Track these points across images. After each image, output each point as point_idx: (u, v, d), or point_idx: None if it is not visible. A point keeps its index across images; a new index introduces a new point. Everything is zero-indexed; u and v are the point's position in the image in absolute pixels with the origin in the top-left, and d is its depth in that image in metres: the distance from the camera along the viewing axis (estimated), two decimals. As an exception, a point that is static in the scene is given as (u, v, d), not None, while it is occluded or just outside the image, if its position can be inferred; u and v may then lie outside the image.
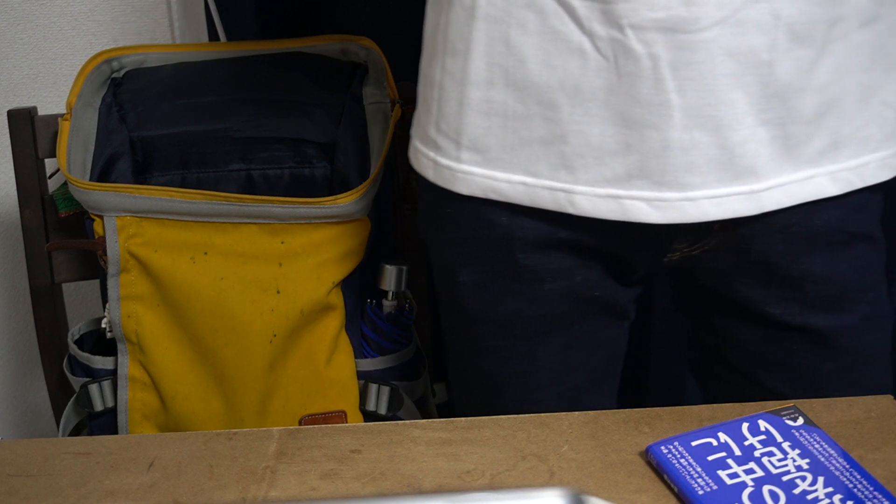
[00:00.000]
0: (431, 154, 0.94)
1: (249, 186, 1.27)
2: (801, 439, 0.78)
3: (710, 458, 0.76)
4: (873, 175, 0.89)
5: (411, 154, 0.99)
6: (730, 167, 0.84)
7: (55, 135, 1.30)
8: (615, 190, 0.86)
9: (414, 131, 0.98)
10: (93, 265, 1.32)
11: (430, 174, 0.95)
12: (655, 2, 0.79)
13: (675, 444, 0.78)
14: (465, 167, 0.91)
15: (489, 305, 0.96)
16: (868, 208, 0.92)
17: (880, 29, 0.86)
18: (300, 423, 1.25)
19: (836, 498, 0.73)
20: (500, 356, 0.99)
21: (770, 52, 0.81)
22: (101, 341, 1.33)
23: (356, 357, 1.29)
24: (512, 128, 0.87)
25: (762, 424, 0.80)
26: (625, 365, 1.04)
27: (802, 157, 0.86)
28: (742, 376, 0.98)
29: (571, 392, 1.00)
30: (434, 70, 0.92)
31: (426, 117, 0.95)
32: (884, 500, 0.72)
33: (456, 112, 0.90)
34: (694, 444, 0.78)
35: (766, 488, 0.74)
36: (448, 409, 1.49)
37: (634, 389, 1.55)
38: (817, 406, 0.85)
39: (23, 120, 1.33)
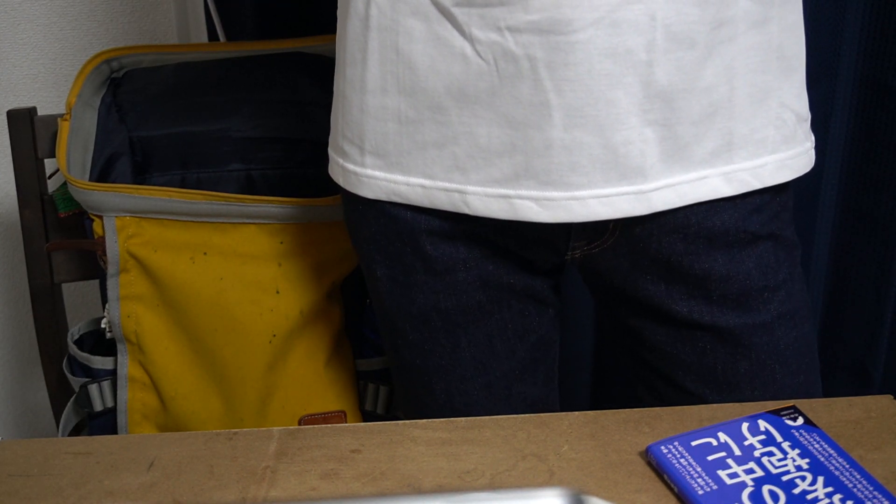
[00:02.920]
0: (340, 161, 0.96)
1: (249, 186, 1.27)
2: (801, 439, 0.78)
3: (710, 457, 0.76)
4: (771, 176, 0.90)
5: (328, 162, 1.01)
6: (615, 167, 0.85)
7: (55, 135, 1.30)
8: (504, 190, 0.88)
9: (330, 139, 1.00)
10: (92, 265, 1.32)
11: (341, 180, 0.97)
12: (531, 4, 0.80)
13: (675, 444, 0.78)
14: (368, 171, 0.93)
15: (406, 300, 0.98)
16: (769, 208, 0.92)
17: (772, 31, 0.87)
18: (300, 423, 1.25)
19: (836, 498, 0.73)
20: (423, 349, 1.00)
21: (648, 53, 0.82)
22: (100, 341, 1.34)
23: (355, 357, 1.30)
24: (407, 132, 0.89)
25: (762, 424, 0.80)
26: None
27: (694, 157, 0.87)
28: (660, 377, 0.99)
29: (499, 381, 1.01)
30: (339, 80, 0.94)
31: (335, 126, 0.97)
32: (884, 500, 0.72)
33: (358, 119, 0.92)
34: (694, 443, 0.78)
35: (765, 488, 0.74)
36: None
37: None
38: (817, 406, 0.85)
39: (22, 120, 1.33)
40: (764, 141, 0.89)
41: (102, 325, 1.27)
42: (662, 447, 0.77)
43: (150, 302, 1.23)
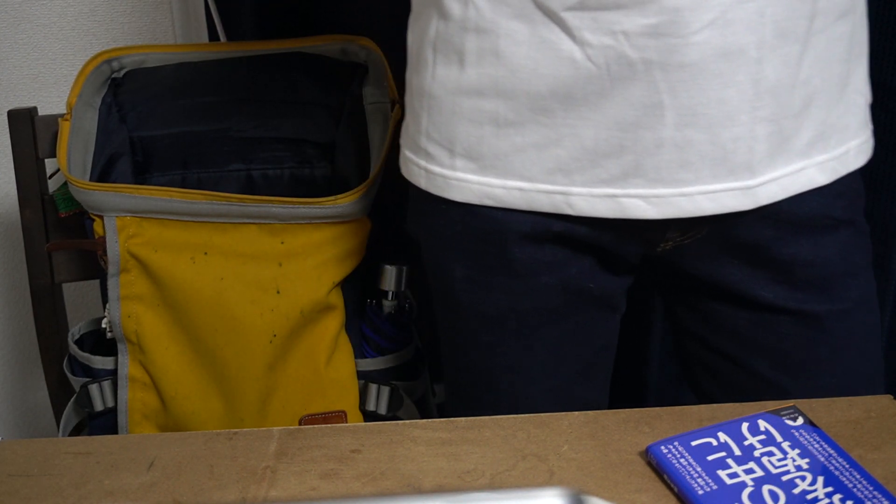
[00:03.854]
0: (423, 163, 0.95)
1: (249, 186, 1.27)
2: (801, 439, 0.78)
3: (710, 457, 0.76)
4: (854, 161, 0.93)
5: (402, 163, 1.00)
6: (724, 163, 0.86)
7: (55, 135, 1.30)
8: (612, 189, 0.88)
9: (403, 141, 1.00)
10: (93, 265, 1.32)
11: (423, 182, 0.96)
12: (647, 8, 0.80)
13: (675, 444, 0.78)
14: (459, 174, 0.92)
15: (483, 300, 0.97)
16: (847, 195, 0.94)
17: (854, 20, 0.89)
18: (300, 423, 1.25)
19: (836, 498, 0.73)
20: (495, 351, 0.99)
21: (758, 50, 0.83)
22: (101, 341, 1.34)
23: (356, 357, 1.30)
24: (505, 135, 0.89)
25: (762, 424, 0.80)
26: (625, 364, 1.05)
27: (793, 149, 0.88)
28: (733, 363, 0.99)
29: (563, 385, 1.01)
30: (424, 79, 0.93)
31: (415, 126, 0.96)
32: (883, 499, 0.72)
33: (448, 121, 0.91)
34: (694, 443, 0.78)
35: (765, 488, 0.74)
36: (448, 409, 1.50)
37: (634, 389, 1.55)
38: (817, 406, 0.85)
39: (23, 120, 1.33)
40: (847, 127, 0.92)
41: (103, 325, 1.27)
42: (662, 447, 0.77)
43: (151, 302, 1.24)
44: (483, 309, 0.98)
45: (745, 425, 0.80)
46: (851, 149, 0.92)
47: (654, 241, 0.94)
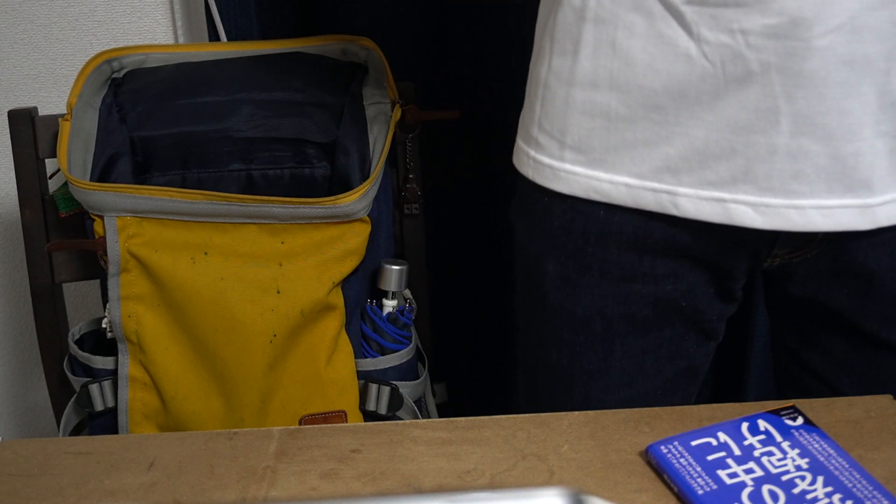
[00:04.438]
0: (532, 152, 0.94)
1: (249, 186, 1.27)
2: (801, 439, 0.78)
3: (710, 457, 0.76)
4: None
5: (514, 153, 0.98)
6: (842, 178, 0.82)
7: (55, 135, 1.30)
8: (720, 193, 0.85)
9: (519, 130, 0.98)
10: (93, 265, 1.32)
11: (529, 172, 0.94)
12: (769, 7, 0.78)
13: (675, 443, 0.78)
14: (567, 167, 0.90)
15: (572, 298, 0.95)
16: None
17: None
18: (300, 423, 1.25)
19: (836, 497, 0.73)
20: (575, 351, 0.97)
21: (888, 61, 0.79)
22: (101, 341, 1.34)
23: (356, 357, 1.30)
24: (616, 129, 0.87)
25: (762, 424, 0.80)
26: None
27: None
28: (821, 381, 0.96)
29: (638, 398, 0.98)
30: (541, 69, 0.91)
31: (529, 115, 0.94)
32: (883, 499, 0.72)
33: (561, 112, 0.90)
34: (694, 443, 0.78)
35: (765, 488, 0.74)
36: (448, 409, 1.50)
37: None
38: (817, 406, 0.85)
39: (23, 120, 1.33)
40: None
41: (103, 325, 1.27)
42: (662, 447, 0.77)
43: (151, 302, 1.24)
44: (570, 308, 0.96)
45: (744, 425, 0.80)
46: None
47: (760, 255, 0.91)
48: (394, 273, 1.30)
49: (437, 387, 1.46)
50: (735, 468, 0.76)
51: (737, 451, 0.77)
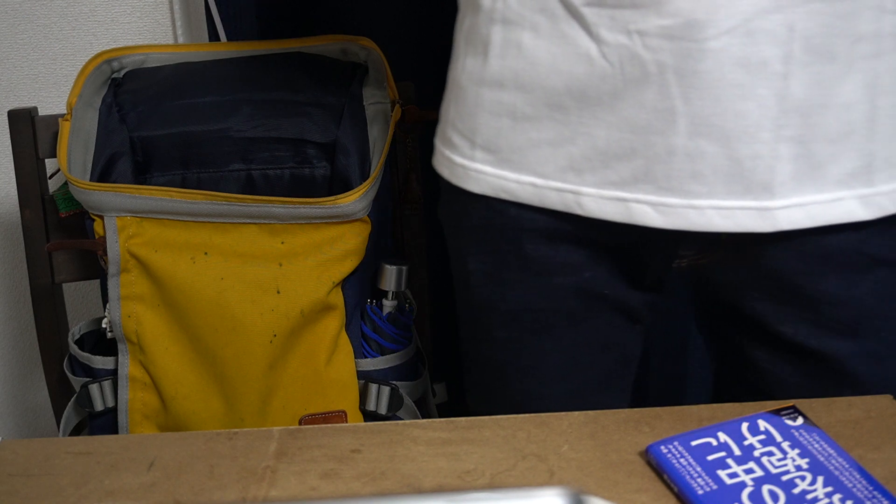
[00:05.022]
0: (447, 152, 0.95)
1: (249, 186, 1.27)
2: (801, 439, 0.78)
3: (710, 457, 0.76)
4: None
5: (434, 153, 1.00)
6: (740, 180, 0.83)
7: (55, 135, 1.30)
8: (621, 193, 0.86)
9: (436, 131, 0.99)
10: (93, 265, 1.32)
11: (446, 172, 0.96)
12: (664, 9, 0.79)
13: (675, 443, 0.78)
14: (478, 166, 0.92)
15: (497, 295, 0.97)
16: (892, 231, 0.88)
17: None
18: (300, 423, 1.25)
19: (836, 498, 0.73)
20: (508, 347, 0.99)
21: (785, 65, 0.79)
22: (101, 341, 1.34)
23: (356, 357, 1.29)
24: (521, 129, 0.88)
25: (762, 424, 0.80)
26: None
27: (829, 177, 0.84)
28: (756, 393, 0.97)
29: (578, 390, 1.00)
30: (456, 70, 0.93)
31: (445, 116, 0.96)
32: (883, 499, 0.72)
33: (472, 112, 0.91)
34: (694, 443, 0.78)
35: (765, 488, 0.74)
36: (448, 409, 1.50)
37: (634, 389, 1.55)
38: (817, 406, 0.85)
39: (23, 120, 1.33)
40: None
41: (103, 325, 1.27)
42: (662, 447, 0.77)
43: (151, 302, 1.24)
44: (497, 304, 0.97)
45: (744, 425, 0.80)
46: None
47: (668, 256, 0.92)
48: (394, 273, 1.30)
49: (437, 387, 1.46)
50: (735, 468, 0.76)
51: (737, 451, 0.77)
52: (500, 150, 0.90)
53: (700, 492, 0.73)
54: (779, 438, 0.79)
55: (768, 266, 0.89)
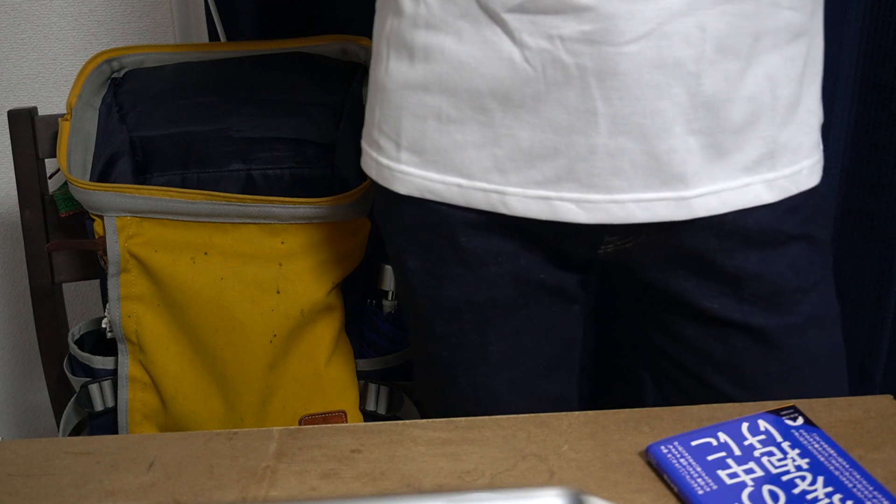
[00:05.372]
0: (374, 154, 0.97)
1: (249, 186, 1.27)
2: (801, 439, 0.78)
3: (710, 457, 0.76)
4: (806, 181, 0.92)
5: (362, 154, 1.01)
6: (657, 173, 0.86)
7: (55, 135, 1.30)
8: (545, 191, 0.89)
9: (363, 132, 1.01)
10: (93, 265, 1.32)
11: (374, 174, 0.98)
12: (583, 15, 0.81)
13: (675, 443, 0.78)
14: (403, 168, 0.94)
15: (436, 291, 0.98)
16: (804, 209, 0.93)
17: (809, 41, 0.89)
18: (300, 423, 1.25)
19: (836, 498, 0.73)
20: (452, 342, 1.00)
21: (697, 64, 0.83)
22: (101, 341, 1.34)
23: (356, 357, 1.30)
24: (446, 131, 0.90)
25: (762, 424, 0.80)
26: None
27: (736, 165, 0.88)
28: (689, 374, 0.99)
29: (525, 377, 1.01)
30: (379, 73, 0.95)
31: (371, 119, 0.98)
32: (884, 499, 0.72)
33: (396, 115, 0.93)
34: (694, 443, 0.78)
35: (765, 488, 0.74)
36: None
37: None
38: (817, 406, 0.85)
39: (23, 120, 1.33)
40: (800, 147, 0.91)
41: (103, 325, 1.27)
42: (662, 447, 0.77)
43: (151, 302, 1.24)
44: (437, 301, 0.99)
45: (745, 425, 0.80)
46: (805, 168, 0.92)
47: (593, 244, 0.94)
48: (393, 273, 1.30)
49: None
50: (735, 468, 0.76)
51: (737, 452, 0.77)
52: (426, 151, 0.92)
53: (700, 492, 0.73)
54: (779, 438, 0.79)
55: (690, 247, 0.92)
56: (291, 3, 1.43)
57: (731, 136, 0.87)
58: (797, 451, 0.77)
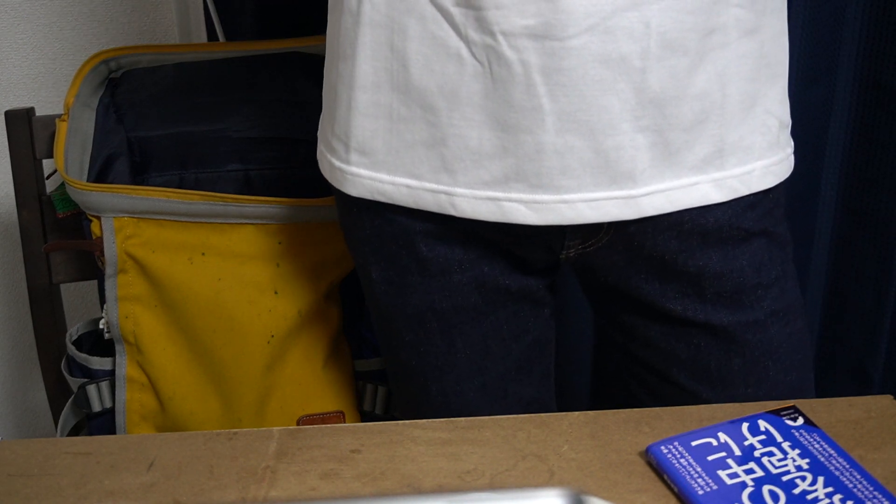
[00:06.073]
0: (328, 156, 0.96)
1: (247, 187, 1.27)
2: (801, 439, 0.78)
3: (710, 458, 0.76)
4: (758, 182, 0.91)
5: (318, 156, 1.01)
6: (606, 171, 0.85)
7: (53, 135, 1.30)
8: (493, 192, 0.88)
9: (319, 135, 1.01)
10: (91, 266, 1.32)
11: (328, 175, 0.98)
12: (525, 9, 0.81)
13: (675, 444, 0.78)
14: (353, 169, 0.93)
15: (401, 300, 0.98)
16: (762, 205, 0.93)
17: (763, 39, 0.88)
18: (298, 424, 1.25)
19: (836, 498, 0.73)
20: (419, 350, 1.00)
21: (643, 60, 0.82)
22: (99, 342, 1.33)
23: (354, 358, 1.30)
24: (397, 130, 0.89)
25: (762, 424, 0.80)
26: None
27: (685, 163, 0.87)
28: (654, 373, 0.99)
29: (495, 382, 1.01)
30: (331, 74, 0.95)
31: (325, 121, 0.97)
32: (884, 499, 0.72)
33: (345, 115, 0.92)
34: (694, 444, 0.78)
35: (765, 488, 0.74)
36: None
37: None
38: (817, 406, 0.85)
39: (20, 120, 1.33)
40: (751, 147, 0.90)
41: (101, 326, 1.26)
42: (662, 447, 0.77)
43: (149, 302, 1.23)
44: (403, 309, 0.98)
45: (745, 425, 0.80)
46: (757, 169, 0.90)
47: (553, 248, 0.94)
48: (392, 273, 1.30)
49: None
50: (735, 468, 0.76)
51: (737, 452, 0.77)
52: (375, 152, 0.91)
53: (700, 492, 0.73)
54: (779, 439, 0.79)
55: (651, 249, 0.92)
56: (291, 3, 1.43)
57: (680, 134, 0.86)
58: (797, 451, 0.77)
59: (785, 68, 0.93)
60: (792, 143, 0.96)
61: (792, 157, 0.96)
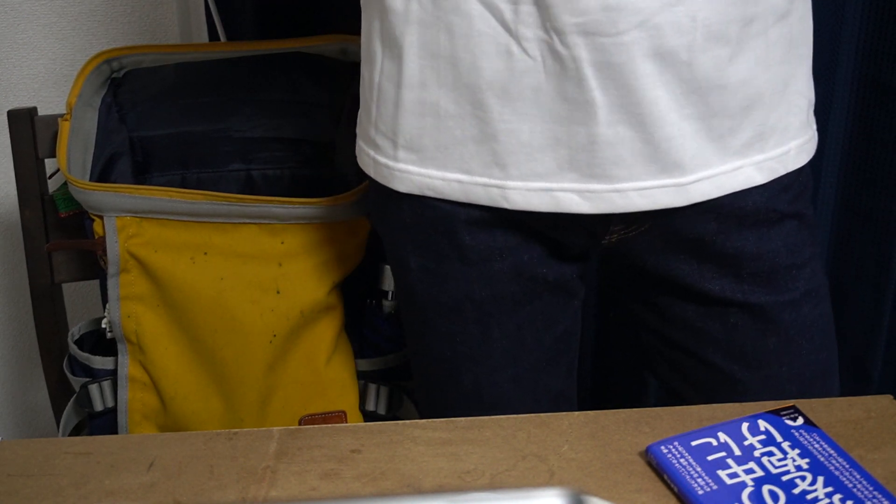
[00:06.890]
0: (371, 153, 0.97)
1: (249, 186, 1.27)
2: (801, 439, 0.78)
3: (710, 457, 0.76)
4: (794, 161, 0.94)
5: (357, 152, 1.01)
6: (656, 160, 0.88)
7: (55, 135, 1.30)
8: (546, 183, 0.89)
9: (358, 130, 1.01)
10: (93, 265, 1.32)
11: (372, 172, 0.98)
12: (576, 7, 0.82)
13: (675, 444, 0.78)
14: (401, 166, 0.94)
15: (437, 289, 0.98)
16: (794, 187, 0.96)
17: (792, 22, 0.90)
18: (300, 424, 1.25)
19: (836, 498, 0.73)
20: (454, 340, 1.00)
21: (689, 53, 0.84)
22: (101, 341, 1.34)
23: (356, 357, 1.30)
24: (446, 127, 0.90)
25: (762, 424, 0.80)
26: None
27: (729, 149, 0.90)
28: (688, 355, 1.01)
29: (527, 373, 1.02)
30: (374, 72, 0.95)
31: (366, 118, 0.97)
32: (884, 499, 0.72)
33: (392, 113, 0.93)
34: (694, 443, 0.78)
35: (765, 488, 0.74)
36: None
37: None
38: (817, 406, 0.85)
39: (23, 120, 1.33)
40: (787, 128, 0.93)
41: (103, 325, 1.27)
42: (662, 447, 0.77)
43: (151, 302, 1.24)
44: (439, 298, 0.99)
45: (745, 425, 0.80)
46: (792, 149, 0.94)
47: (598, 234, 0.95)
48: (393, 273, 1.30)
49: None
50: (735, 468, 0.76)
51: (737, 452, 0.77)
52: (425, 148, 0.92)
53: (700, 492, 0.73)
54: (779, 438, 0.79)
55: (690, 232, 0.94)
56: (291, 3, 1.43)
57: (724, 121, 0.88)
58: (797, 451, 0.77)
59: (810, 48, 0.95)
60: (814, 120, 0.98)
61: (817, 134, 0.99)
